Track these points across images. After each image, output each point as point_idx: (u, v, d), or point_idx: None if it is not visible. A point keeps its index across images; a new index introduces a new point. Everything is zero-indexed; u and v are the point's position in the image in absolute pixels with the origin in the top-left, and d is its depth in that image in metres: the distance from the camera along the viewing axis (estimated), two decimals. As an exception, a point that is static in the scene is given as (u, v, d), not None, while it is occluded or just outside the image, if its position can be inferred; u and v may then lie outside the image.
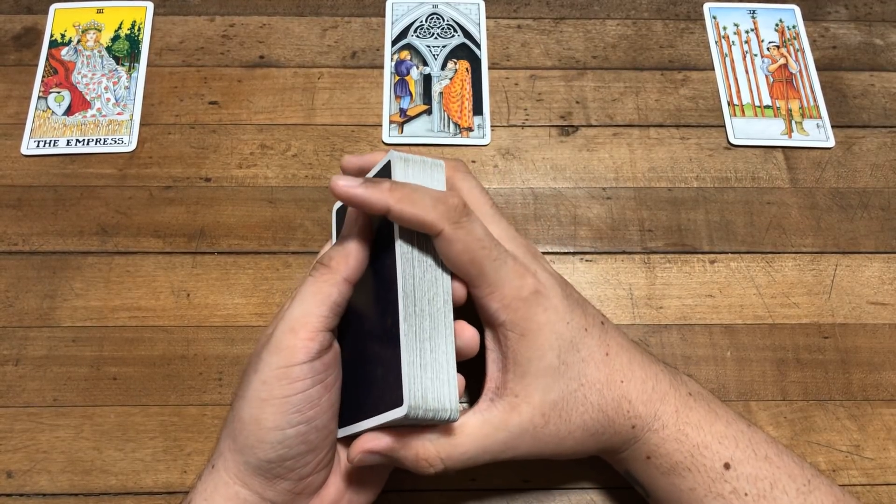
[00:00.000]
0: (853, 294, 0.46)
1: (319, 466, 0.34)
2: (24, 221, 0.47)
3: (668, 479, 0.35)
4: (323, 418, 0.32)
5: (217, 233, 0.47)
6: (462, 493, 0.40)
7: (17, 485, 0.40)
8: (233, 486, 0.33)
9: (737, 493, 0.33)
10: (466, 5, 0.55)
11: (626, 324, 0.45)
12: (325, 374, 0.32)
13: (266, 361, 0.32)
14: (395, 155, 0.33)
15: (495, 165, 0.50)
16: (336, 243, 0.34)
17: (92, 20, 0.54)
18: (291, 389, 0.31)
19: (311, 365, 0.32)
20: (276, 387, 0.31)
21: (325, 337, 0.32)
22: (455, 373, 0.32)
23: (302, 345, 0.31)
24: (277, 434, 0.31)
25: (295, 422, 0.31)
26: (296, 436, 0.32)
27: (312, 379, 0.32)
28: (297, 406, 0.31)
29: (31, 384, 0.43)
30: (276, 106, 0.51)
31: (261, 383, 0.32)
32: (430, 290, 0.32)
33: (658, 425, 0.35)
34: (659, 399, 0.35)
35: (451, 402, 0.31)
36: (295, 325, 0.32)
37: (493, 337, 0.34)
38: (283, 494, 0.33)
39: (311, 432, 0.32)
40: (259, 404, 0.32)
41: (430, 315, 0.32)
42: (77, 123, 0.50)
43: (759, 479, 0.33)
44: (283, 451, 0.32)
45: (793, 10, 0.56)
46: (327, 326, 0.32)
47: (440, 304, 0.32)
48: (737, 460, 0.34)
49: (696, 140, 0.51)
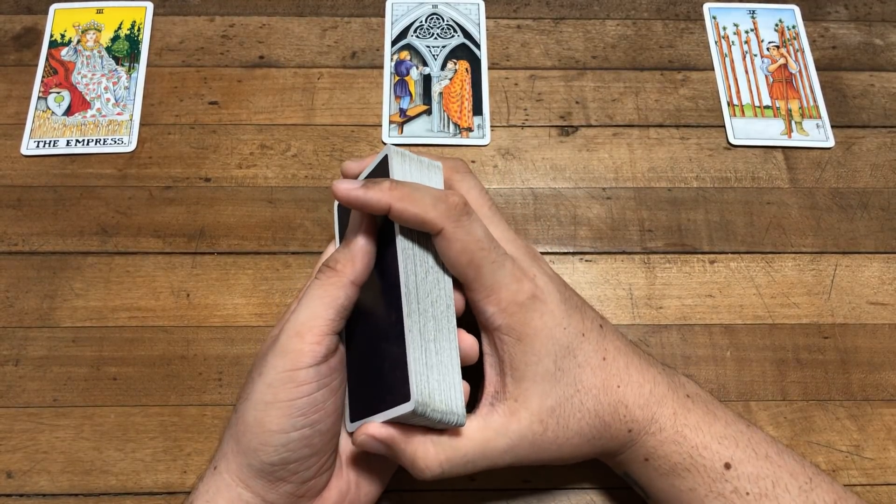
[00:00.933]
0: (853, 294, 0.46)
1: (322, 470, 0.34)
2: (24, 221, 0.47)
3: (667, 480, 0.35)
4: (327, 422, 0.32)
5: (217, 233, 0.47)
6: (462, 492, 0.40)
7: (17, 485, 0.40)
8: (235, 489, 0.33)
9: (738, 493, 0.33)
10: (466, 5, 0.55)
11: (626, 324, 0.45)
12: (331, 377, 0.32)
13: (272, 364, 0.32)
14: (392, 150, 0.33)
15: (495, 165, 0.50)
16: (341, 245, 0.34)
17: (92, 20, 0.54)
18: (297, 393, 0.31)
19: (317, 369, 0.32)
20: (281, 390, 0.31)
21: (331, 340, 0.32)
22: (461, 379, 0.32)
23: (308, 348, 0.31)
24: (281, 437, 0.31)
25: (299, 425, 0.31)
26: (300, 439, 0.32)
27: (318, 383, 0.32)
28: (301, 409, 0.31)
29: (31, 384, 0.43)
30: (275, 106, 0.51)
31: (266, 386, 0.32)
32: (433, 292, 0.32)
33: (655, 428, 0.35)
34: (656, 402, 0.35)
35: (458, 406, 0.31)
36: (301, 329, 0.32)
37: (489, 341, 0.34)
38: (285, 497, 0.33)
39: (314, 436, 0.32)
40: (264, 407, 0.32)
41: (434, 317, 0.32)
42: (77, 124, 0.50)
43: (760, 478, 0.33)
44: (287, 455, 0.32)
45: (792, 11, 0.56)
46: (334, 330, 0.32)
47: (443, 307, 0.32)
48: (737, 460, 0.34)
49: (696, 140, 0.51)
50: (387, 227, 0.33)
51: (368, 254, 0.33)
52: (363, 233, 0.33)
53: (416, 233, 0.32)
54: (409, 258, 0.32)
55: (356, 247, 0.33)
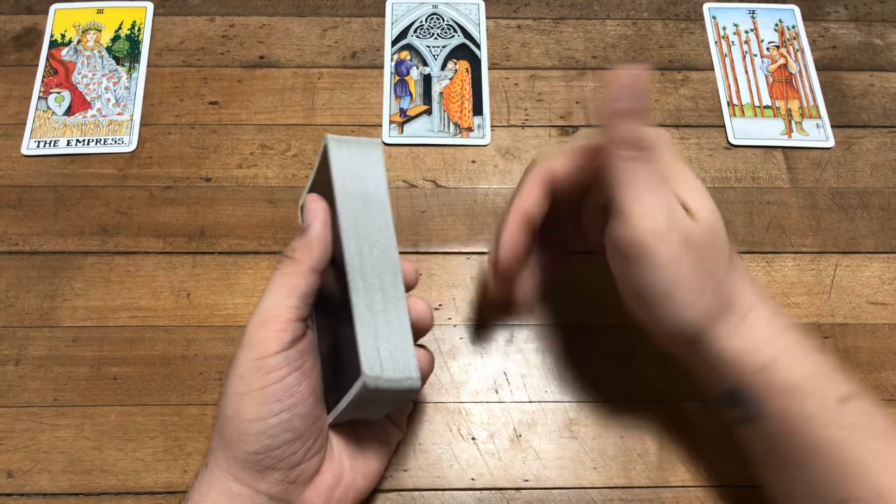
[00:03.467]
0: (853, 294, 0.46)
1: (309, 454, 0.34)
2: (24, 221, 0.47)
3: (783, 399, 0.33)
4: (305, 405, 0.33)
5: (217, 233, 0.47)
6: (462, 492, 0.41)
7: (18, 485, 0.40)
8: (225, 482, 0.33)
9: (856, 427, 0.32)
10: (466, 5, 0.55)
11: (626, 324, 0.45)
12: (301, 360, 0.33)
13: (241, 357, 0.33)
14: (330, 137, 0.34)
15: (495, 165, 0.50)
16: (299, 234, 0.35)
17: (92, 20, 0.54)
18: (268, 380, 0.32)
19: (286, 354, 0.32)
20: (252, 379, 0.32)
21: (296, 327, 0.33)
22: (412, 343, 0.32)
23: (274, 336, 0.32)
24: (259, 425, 0.32)
25: (276, 410, 0.32)
26: (278, 424, 0.32)
27: (288, 367, 0.32)
28: (275, 395, 0.32)
29: (32, 384, 0.43)
30: (276, 106, 0.51)
31: (238, 378, 0.32)
32: (379, 265, 0.32)
33: (772, 352, 0.34)
34: (776, 337, 0.34)
35: (411, 370, 0.31)
36: (265, 319, 0.33)
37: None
38: (276, 485, 0.33)
39: (294, 419, 0.32)
40: (238, 399, 0.32)
41: (382, 289, 0.32)
42: (77, 124, 0.50)
43: (876, 416, 0.33)
44: (268, 442, 0.32)
45: (792, 11, 0.56)
46: (298, 317, 0.33)
47: (390, 276, 0.32)
48: (854, 395, 0.33)
49: (696, 140, 0.51)
50: (334, 210, 0.34)
51: (323, 240, 0.34)
52: (317, 219, 0.34)
53: (357, 210, 0.33)
54: (352, 237, 0.32)
55: (311, 234, 0.34)
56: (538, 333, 0.45)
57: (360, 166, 0.34)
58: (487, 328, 0.45)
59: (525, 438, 0.42)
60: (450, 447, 0.42)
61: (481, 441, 0.42)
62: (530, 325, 0.45)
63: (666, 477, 0.41)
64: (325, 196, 0.35)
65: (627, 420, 0.42)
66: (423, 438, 0.42)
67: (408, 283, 0.34)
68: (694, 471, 0.41)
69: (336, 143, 0.34)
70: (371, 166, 0.34)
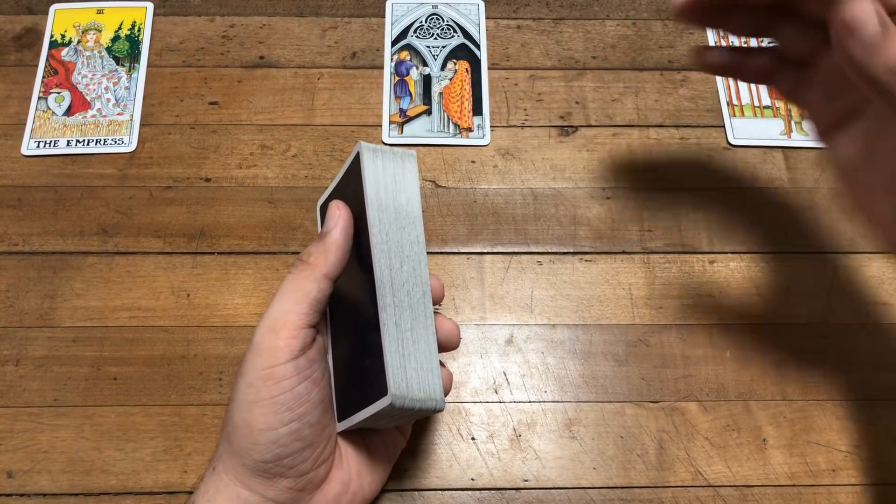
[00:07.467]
0: (853, 294, 0.46)
1: (318, 462, 0.34)
2: (24, 221, 0.47)
3: None
4: (314, 413, 0.33)
5: (217, 233, 0.47)
6: (462, 492, 0.41)
7: (18, 485, 0.40)
8: (234, 488, 0.33)
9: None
10: (466, 6, 0.55)
11: (626, 324, 0.45)
12: (311, 369, 0.32)
13: (250, 364, 0.32)
14: (364, 146, 0.33)
15: (495, 165, 0.50)
16: (316, 238, 0.34)
17: (92, 21, 0.54)
18: (278, 389, 0.31)
19: (296, 363, 0.32)
20: (262, 388, 0.31)
21: (306, 334, 0.32)
22: (438, 364, 0.32)
23: (284, 344, 0.31)
24: (270, 434, 0.31)
25: (286, 420, 0.32)
26: (289, 434, 0.32)
27: (298, 376, 0.32)
28: (286, 404, 0.31)
29: (32, 384, 0.43)
30: (276, 106, 0.51)
31: (247, 386, 0.32)
32: (409, 282, 0.32)
33: None
34: None
35: (437, 391, 0.31)
36: (275, 325, 0.32)
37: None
38: (285, 492, 0.33)
39: (303, 428, 0.32)
40: (248, 407, 0.32)
41: (411, 306, 0.32)
42: (77, 124, 0.50)
43: None
44: (279, 451, 0.32)
45: (792, 11, 0.56)
46: (308, 323, 0.32)
47: (419, 294, 0.32)
48: None
49: (696, 140, 0.51)
50: (362, 220, 0.33)
51: (342, 247, 0.33)
52: (338, 226, 0.33)
53: (389, 223, 0.32)
54: (383, 251, 0.32)
55: (330, 240, 0.33)
56: (538, 333, 0.45)
57: (395, 178, 0.33)
58: (487, 328, 0.45)
59: (525, 438, 0.42)
60: (449, 447, 0.42)
61: (481, 441, 0.42)
62: (530, 325, 0.45)
63: (665, 477, 0.41)
64: (349, 203, 0.34)
65: (627, 420, 0.43)
66: (423, 438, 0.42)
67: (435, 300, 0.33)
68: (694, 471, 0.41)
69: (370, 152, 0.33)
70: (406, 179, 0.33)
